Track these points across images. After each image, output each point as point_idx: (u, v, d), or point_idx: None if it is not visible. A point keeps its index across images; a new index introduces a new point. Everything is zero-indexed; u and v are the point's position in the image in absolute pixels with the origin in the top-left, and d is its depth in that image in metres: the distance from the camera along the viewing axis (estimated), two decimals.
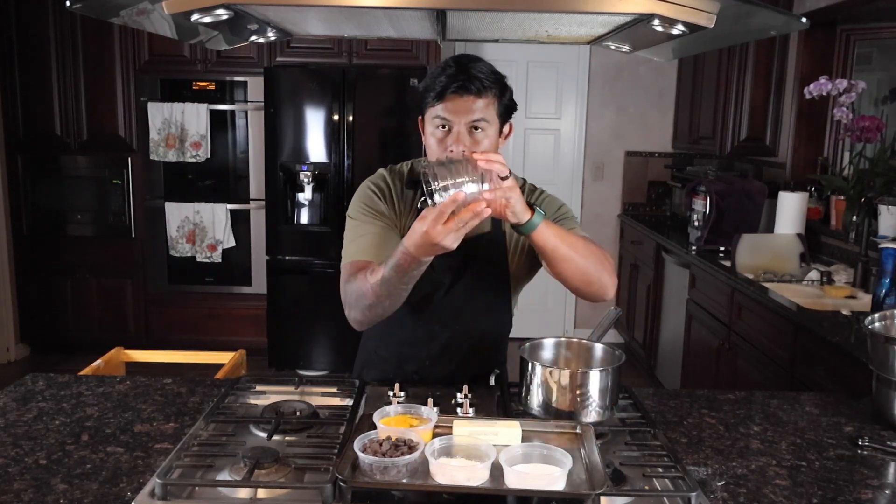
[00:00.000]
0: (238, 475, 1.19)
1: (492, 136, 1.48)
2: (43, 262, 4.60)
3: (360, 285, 1.44)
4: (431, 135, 1.49)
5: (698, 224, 3.83)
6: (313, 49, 4.32)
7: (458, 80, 1.42)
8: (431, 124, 1.48)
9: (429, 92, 1.46)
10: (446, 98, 1.44)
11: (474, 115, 1.45)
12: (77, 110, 4.44)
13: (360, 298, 1.45)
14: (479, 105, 1.44)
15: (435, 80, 1.45)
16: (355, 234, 1.56)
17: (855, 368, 2.11)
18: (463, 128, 1.45)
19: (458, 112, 1.44)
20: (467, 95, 1.43)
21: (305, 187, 4.27)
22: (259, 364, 4.30)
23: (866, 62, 3.72)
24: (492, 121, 1.47)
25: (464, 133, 1.45)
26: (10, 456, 1.31)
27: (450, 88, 1.43)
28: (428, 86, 1.46)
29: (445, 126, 1.46)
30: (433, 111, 1.46)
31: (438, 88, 1.43)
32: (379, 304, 1.44)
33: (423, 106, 1.50)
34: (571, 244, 1.42)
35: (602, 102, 5.05)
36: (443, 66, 1.46)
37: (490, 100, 1.46)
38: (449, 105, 1.44)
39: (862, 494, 1.24)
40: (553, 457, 1.15)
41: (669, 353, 4.02)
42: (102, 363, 2.50)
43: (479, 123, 1.46)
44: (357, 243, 1.54)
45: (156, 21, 1.30)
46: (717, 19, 1.10)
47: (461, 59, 1.46)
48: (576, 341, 1.56)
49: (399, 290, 1.41)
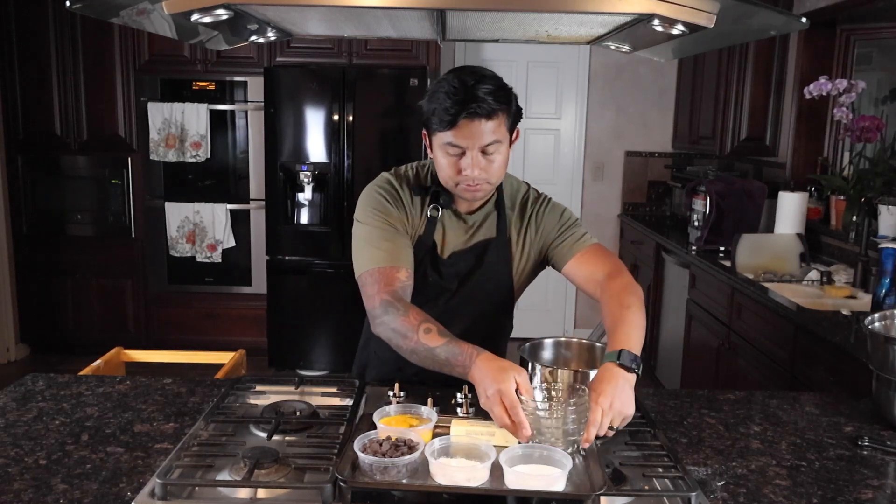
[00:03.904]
0: (238, 475, 1.19)
1: (504, 153, 1.47)
2: (43, 262, 4.60)
3: (406, 330, 1.37)
4: (443, 157, 1.47)
5: (698, 224, 3.83)
6: (313, 49, 4.32)
7: (468, 107, 1.38)
8: (442, 149, 1.46)
9: (437, 117, 1.42)
10: (458, 125, 1.40)
11: (487, 139, 1.42)
12: (77, 110, 4.44)
13: (397, 338, 1.39)
14: (491, 127, 1.42)
15: (442, 105, 1.40)
16: (373, 239, 1.51)
17: (855, 368, 2.11)
18: (476, 151, 1.43)
19: (470, 137, 1.41)
20: (478, 119, 1.40)
21: (305, 187, 4.27)
22: (259, 364, 4.30)
23: (866, 62, 3.72)
24: (503, 139, 1.46)
25: (477, 157, 1.43)
26: (10, 456, 1.31)
27: (461, 115, 1.39)
28: (436, 110, 1.42)
29: (457, 152, 1.44)
30: (443, 136, 1.43)
31: (449, 117, 1.40)
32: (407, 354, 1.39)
33: (429, 126, 1.47)
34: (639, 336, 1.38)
35: (602, 102, 5.05)
36: (448, 91, 1.40)
37: (501, 119, 1.43)
38: (461, 132, 1.41)
39: (862, 494, 1.24)
40: (553, 457, 1.15)
41: (669, 353, 4.02)
42: (102, 363, 2.49)
43: (490, 147, 1.44)
44: (380, 248, 1.49)
45: (156, 21, 1.30)
46: (717, 19, 1.10)
47: (466, 81, 1.40)
48: (576, 341, 1.57)
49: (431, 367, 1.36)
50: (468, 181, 1.46)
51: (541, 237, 1.63)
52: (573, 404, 1.24)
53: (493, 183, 1.50)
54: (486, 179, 1.46)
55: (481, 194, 1.51)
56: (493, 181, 1.49)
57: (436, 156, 1.49)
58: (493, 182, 1.49)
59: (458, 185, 1.48)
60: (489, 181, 1.48)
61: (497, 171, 1.48)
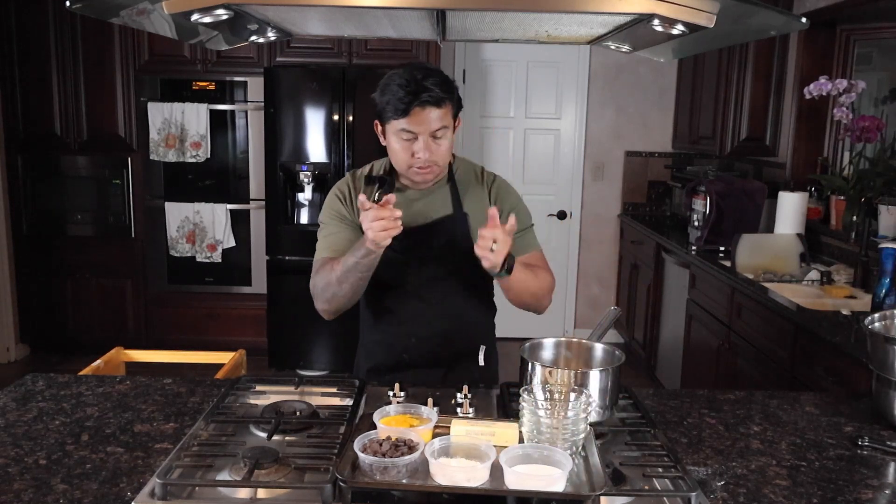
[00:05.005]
0: (238, 475, 1.19)
1: (450, 137, 1.67)
2: (43, 262, 4.60)
3: (326, 275, 1.67)
4: (397, 143, 1.65)
5: (698, 224, 3.83)
6: (313, 49, 4.32)
7: (419, 96, 1.58)
8: (397, 135, 1.64)
9: (392, 107, 1.61)
10: (411, 113, 1.59)
11: (436, 125, 1.62)
12: (77, 110, 4.44)
13: (325, 288, 1.68)
14: (439, 114, 1.61)
15: (396, 95, 1.60)
16: (322, 236, 1.78)
17: (855, 368, 2.11)
18: (427, 136, 1.62)
19: (421, 123, 1.61)
20: (429, 108, 1.60)
21: (305, 187, 4.27)
22: (259, 364, 4.29)
23: (866, 62, 3.72)
24: (449, 125, 1.65)
25: (428, 141, 1.63)
26: (10, 456, 1.31)
27: (414, 104, 1.58)
28: (390, 101, 1.61)
29: (410, 136, 1.63)
30: (397, 124, 1.62)
31: (403, 106, 1.59)
32: (341, 292, 1.66)
33: (383, 116, 1.65)
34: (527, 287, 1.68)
35: (602, 102, 5.05)
36: (401, 83, 1.60)
37: (447, 107, 1.63)
38: (413, 119, 1.60)
39: (862, 494, 1.24)
40: (553, 457, 1.15)
41: (669, 353, 4.02)
42: (102, 363, 2.49)
43: (439, 132, 1.63)
44: (323, 243, 1.76)
45: (156, 21, 1.30)
46: (717, 19, 1.10)
47: (415, 75, 1.60)
48: (576, 341, 1.57)
49: (356, 277, 1.62)
50: (420, 164, 1.65)
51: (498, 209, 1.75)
52: (573, 404, 1.24)
53: (441, 165, 1.70)
54: (435, 161, 1.66)
55: (431, 176, 1.70)
56: (441, 163, 1.69)
57: (390, 143, 1.67)
58: (440, 164, 1.69)
59: (411, 167, 1.67)
60: (438, 163, 1.67)
61: (444, 154, 1.67)
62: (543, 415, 1.22)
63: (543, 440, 1.20)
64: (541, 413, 1.22)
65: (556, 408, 1.25)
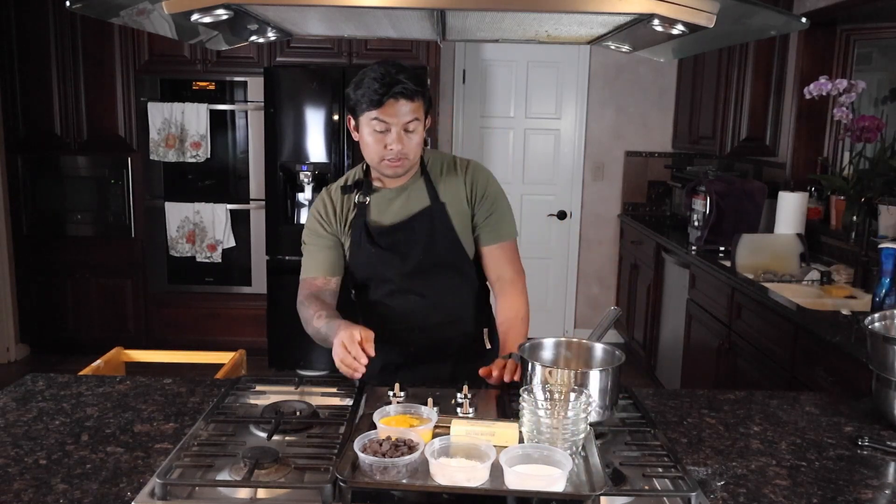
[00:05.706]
0: (238, 475, 1.19)
1: (421, 132, 1.70)
2: (43, 262, 4.60)
3: (307, 317, 1.72)
4: (369, 136, 1.67)
5: (698, 224, 3.83)
6: (313, 49, 4.32)
7: (393, 88, 1.61)
8: (369, 126, 1.66)
9: (367, 98, 1.63)
10: (385, 104, 1.62)
11: (409, 118, 1.65)
12: (77, 110, 4.44)
13: (306, 325, 1.74)
14: (412, 107, 1.65)
15: (370, 87, 1.63)
16: (304, 255, 1.83)
17: (855, 368, 2.11)
18: (399, 128, 1.65)
19: (395, 115, 1.64)
20: (402, 100, 1.63)
21: (305, 187, 4.27)
22: (259, 364, 4.29)
23: (866, 62, 3.72)
24: (421, 119, 1.68)
25: (400, 133, 1.65)
26: (10, 456, 1.31)
27: (387, 96, 1.62)
28: (364, 93, 1.64)
29: (383, 128, 1.65)
30: (370, 115, 1.64)
31: (377, 97, 1.62)
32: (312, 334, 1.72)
33: (356, 109, 1.67)
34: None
35: (602, 102, 5.05)
36: (375, 76, 1.63)
37: (419, 102, 1.66)
38: (386, 110, 1.63)
39: (862, 494, 1.24)
40: (553, 457, 1.15)
41: (669, 353, 4.02)
42: (102, 363, 2.49)
43: (411, 125, 1.66)
44: (306, 263, 1.82)
45: (156, 21, 1.30)
46: (717, 19, 1.10)
47: (389, 70, 1.64)
48: (576, 341, 1.56)
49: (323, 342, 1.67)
50: (391, 156, 1.67)
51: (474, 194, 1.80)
52: (573, 404, 1.24)
53: (412, 158, 1.71)
54: (406, 154, 1.68)
55: (402, 170, 1.72)
56: (412, 156, 1.71)
57: (362, 136, 1.69)
58: (411, 157, 1.71)
59: (383, 160, 1.69)
60: (408, 156, 1.69)
61: (415, 148, 1.70)
62: (543, 415, 1.22)
63: (543, 440, 1.20)
64: (541, 413, 1.22)
65: (556, 408, 1.25)
